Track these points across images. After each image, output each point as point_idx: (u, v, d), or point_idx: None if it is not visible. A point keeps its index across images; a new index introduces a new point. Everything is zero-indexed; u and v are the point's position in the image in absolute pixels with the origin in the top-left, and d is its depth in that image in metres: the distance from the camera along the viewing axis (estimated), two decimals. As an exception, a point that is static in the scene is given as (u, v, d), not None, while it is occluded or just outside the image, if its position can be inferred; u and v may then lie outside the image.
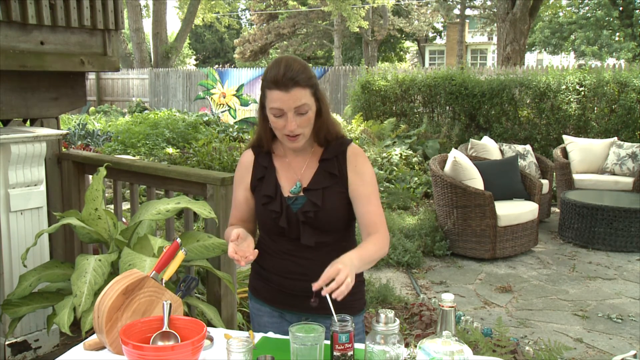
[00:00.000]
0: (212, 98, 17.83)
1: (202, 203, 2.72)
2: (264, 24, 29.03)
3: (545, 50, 29.59)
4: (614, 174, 7.38)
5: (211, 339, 1.72)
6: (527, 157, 7.12)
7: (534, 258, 5.70)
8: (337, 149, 1.89)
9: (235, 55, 30.08)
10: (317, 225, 1.83)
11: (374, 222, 1.84)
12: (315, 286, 1.58)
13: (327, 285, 1.56)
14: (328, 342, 1.55)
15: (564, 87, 9.18)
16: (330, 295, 1.57)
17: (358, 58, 29.43)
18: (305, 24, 28.14)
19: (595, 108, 9.07)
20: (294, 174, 1.89)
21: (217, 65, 31.08)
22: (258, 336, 1.78)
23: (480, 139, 7.70)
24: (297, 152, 1.90)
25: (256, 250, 1.74)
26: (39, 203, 3.18)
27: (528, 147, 7.31)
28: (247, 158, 1.98)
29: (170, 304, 1.63)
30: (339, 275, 1.56)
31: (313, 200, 1.83)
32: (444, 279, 5.09)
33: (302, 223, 1.84)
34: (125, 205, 6.03)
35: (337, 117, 11.85)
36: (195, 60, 37.63)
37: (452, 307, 1.42)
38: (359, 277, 1.98)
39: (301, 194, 1.86)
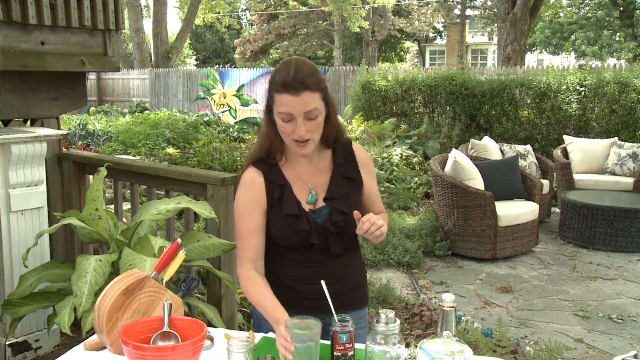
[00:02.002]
0: (212, 98, 17.84)
1: (202, 203, 2.72)
2: (265, 24, 29.04)
3: (545, 50, 29.59)
4: (614, 174, 7.38)
5: (211, 339, 1.72)
6: (528, 157, 7.12)
7: (535, 258, 5.70)
8: (344, 150, 1.89)
9: (236, 56, 30.08)
10: (344, 232, 1.81)
11: (380, 212, 1.98)
12: (359, 228, 1.69)
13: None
14: (328, 342, 1.55)
15: (564, 87, 9.17)
16: (329, 295, 1.59)
17: (358, 58, 29.40)
18: (306, 24, 28.13)
19: (596, 108, 9.06)
20: (306, 183, 1.84)
21: (217, 66, 31.11)
22: (258, 336, 1.78)
23: (480, 139, 7.70)
24: (306, 158, 1.85)
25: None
26: (40, 203, 3.18)
27: (528, 147, 7.30)
28: (255, 179, 1.81)
29: (171, 304, 1.63)
30: (378, 221, 1.69)
31: (339, 209, 1.79)
32: (445, 279, 5.09)
33: (330, 233, 1.79)
34: (126, 205, 6.02)
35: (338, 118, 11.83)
36: (196, 60, 37.63)
37: (453, 307, 1.42)
38: (362, 271, 2.00)
39: (322, 203, 1.82)
